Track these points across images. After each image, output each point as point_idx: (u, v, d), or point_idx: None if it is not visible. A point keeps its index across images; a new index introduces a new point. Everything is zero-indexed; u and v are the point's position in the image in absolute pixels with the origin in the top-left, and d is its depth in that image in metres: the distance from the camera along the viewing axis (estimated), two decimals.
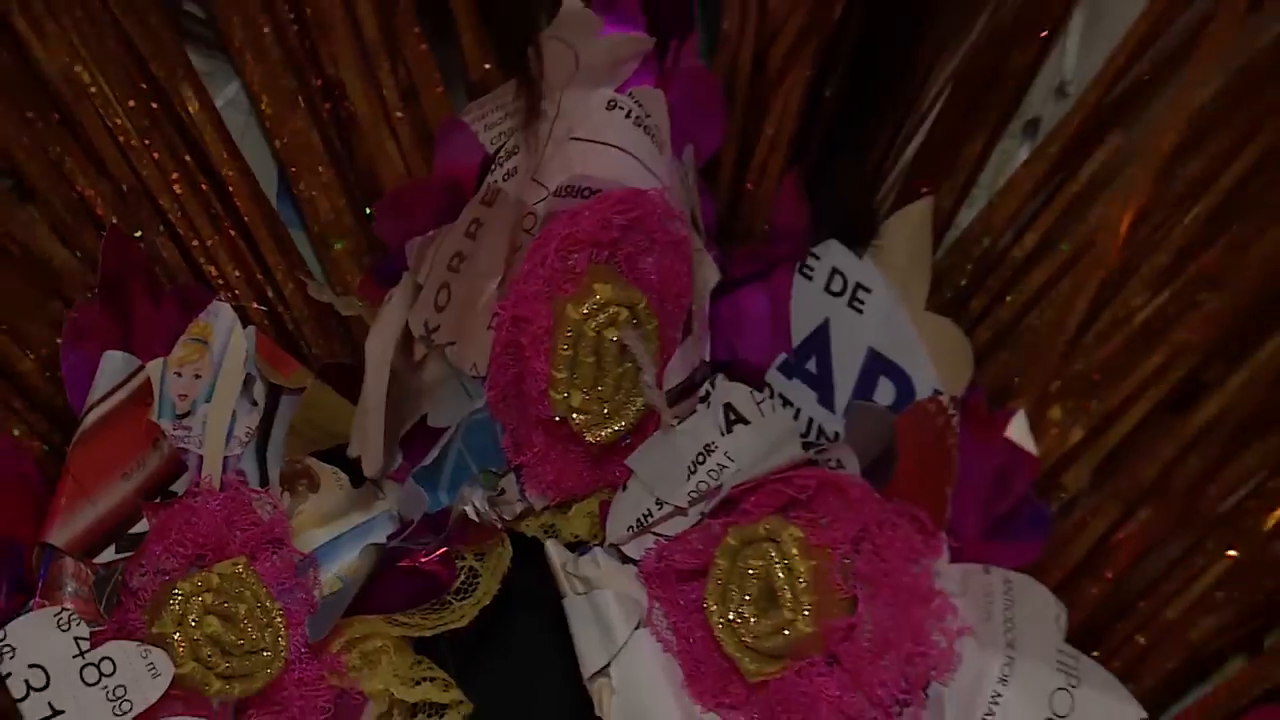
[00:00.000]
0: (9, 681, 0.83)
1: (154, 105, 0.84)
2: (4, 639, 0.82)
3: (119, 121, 0.83)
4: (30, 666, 0.81)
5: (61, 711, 0.81)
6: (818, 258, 0.82)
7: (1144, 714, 0.78)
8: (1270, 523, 0.82)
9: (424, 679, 0.86)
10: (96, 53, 0.87)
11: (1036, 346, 0.83)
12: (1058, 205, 0.83)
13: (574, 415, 0.83)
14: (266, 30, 0.89)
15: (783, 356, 0.84)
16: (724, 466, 0.83)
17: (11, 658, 0.81)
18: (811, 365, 0.84)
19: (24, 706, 0.81)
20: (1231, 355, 0.82)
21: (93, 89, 0.87)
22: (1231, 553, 0.86)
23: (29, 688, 0.81)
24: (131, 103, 0.86)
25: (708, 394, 0.85)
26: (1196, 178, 0.82)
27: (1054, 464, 0.82)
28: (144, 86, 0.86)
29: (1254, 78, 0.84)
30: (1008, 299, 0.85)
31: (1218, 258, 0.83)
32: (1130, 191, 0.82)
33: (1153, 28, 0.83)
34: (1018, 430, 0.80)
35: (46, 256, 0.87)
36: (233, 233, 0.88)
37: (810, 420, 0.83)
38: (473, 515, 0.85)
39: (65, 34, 0.88)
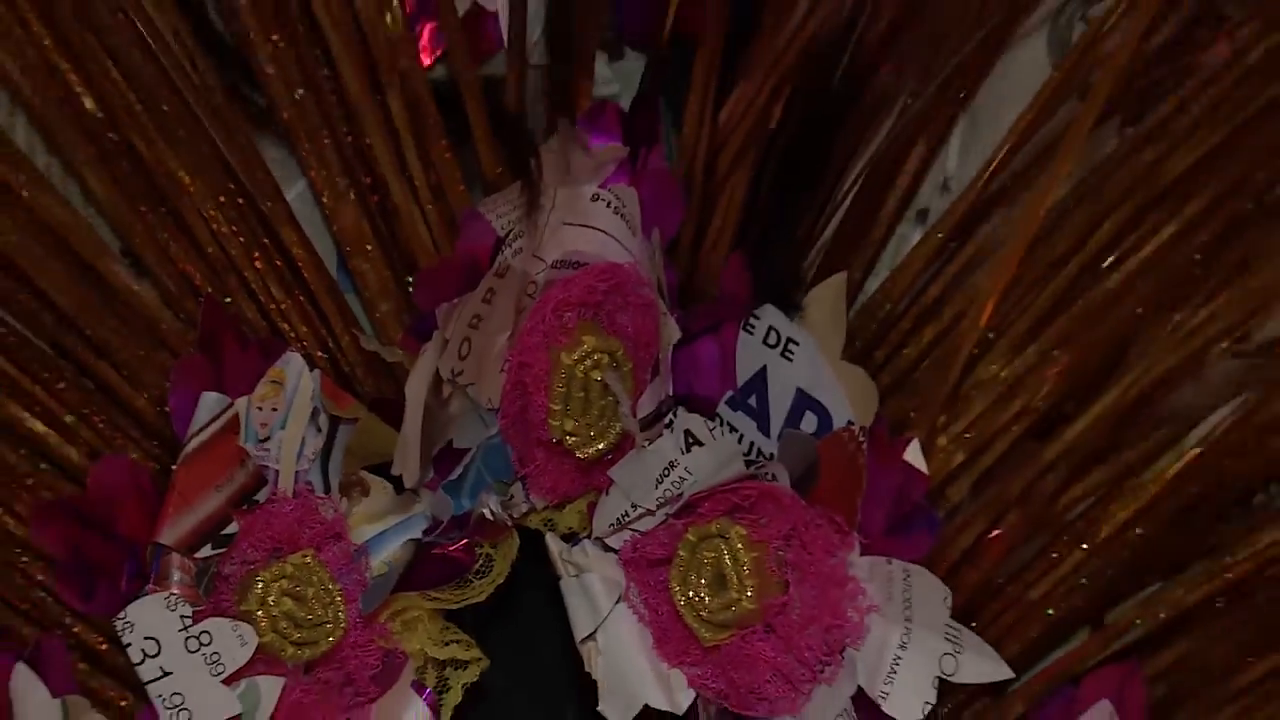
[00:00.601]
0: (130, 650, 0.85)
1: (240, 200, 0.87)
2: (125, 617, 0.85)
3: (213, 213, 0.86)
4: (146, 638, 0.84)
5: (170, 673, 0.84)
6: (758, 317, 0.87)
7: (1011, 673, 0.85)
8: (1108, 528, 0.87)
9: (451, 641, 0.88)
10: (195, 161, 0.89)
11: (927, 390, 0.88)
12: (942, 279, 0.90)
13: (567, 437, 0.85)
14: (326, 141, 0.90)
15: (730, 394, 0.88)
16: (684, 479, 0.86)
17: (131, 631, 0.84)
18: (752, 401, 0.88)
19: (141, 669, 0.85)
20: (1079, 398, 0.87)
21: (192, 188, 0.89)
22: (1083, 546, 0.88)
23: (145, 655, 0.84)
24: (222, 198, 0.89)
25: (671, 422, 0.87)
26: (1051, 260, 0.87)
27: (941, 480, 0.88)
28: (232, 186, 0.89)
29: (1098, 179, 0.89)
30: (904, 351, 0.90)
31: (1067, 324, 0.87)
32: (999, 270, 0.85)
33: (1019, 139, 0.87)
34: (912, 454, 0.87)
35: (157, 319, 0.88)
36: (301, 298, 0.89)
37: (751, 444, 0.87)
38: (489, 515, 0.87)
39: (171, 148, 0.90)
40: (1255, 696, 0.88)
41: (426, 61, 0.91)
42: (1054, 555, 0.88)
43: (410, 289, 0.90)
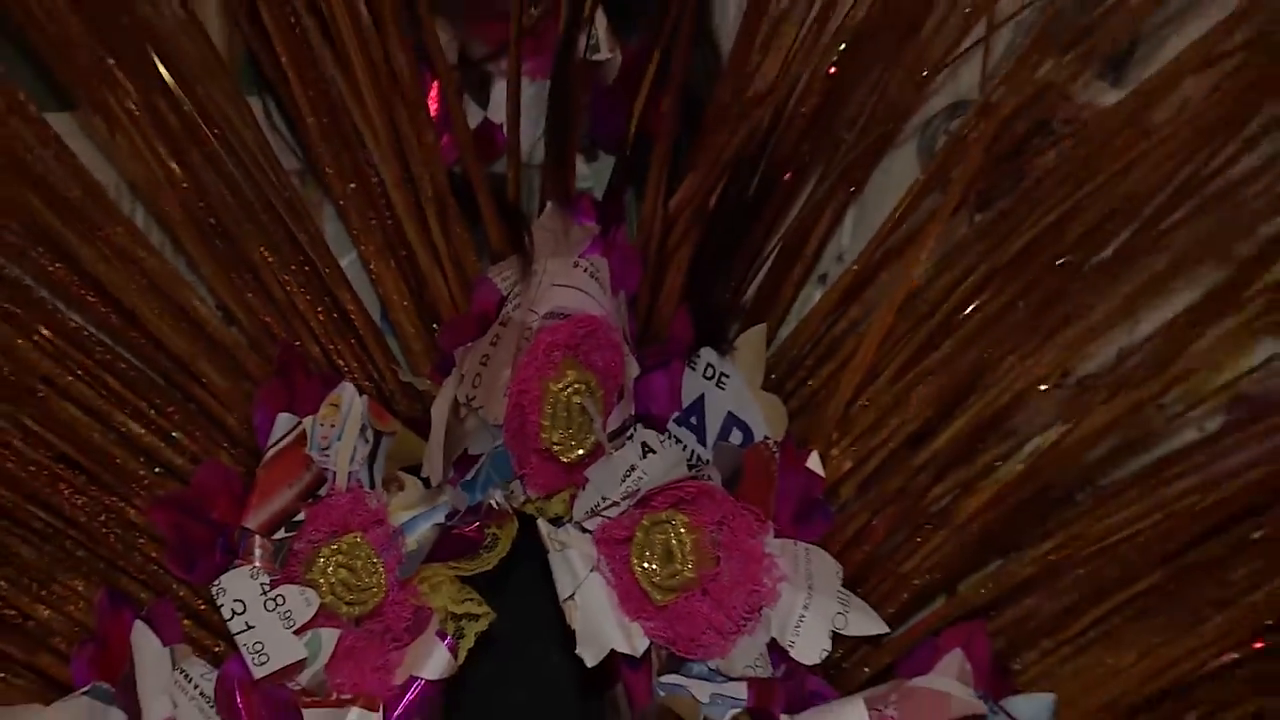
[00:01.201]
0: (222, 609, 0.90)
1: (306, 268, 0.93)
2: (219, 584, 0.91)
3: (286, 278, 0.93)
4: (235, 600, 0.90)
5: (253, 627, 0.90)
6: (698, 357, 0.94)
7: (886, 629, 0.92)
8: (962, 517, 0.93)
9: (466, 599, 0.93)
10: (272, 239, 0.96)
11: (824, 413, 0.94)
12: (836, 330, 0.97)
13: (554, 445, 0.91)
14: (372, 222, 0.96)
15: (676, 414, 0.95)
16: (641, 478, 0.92)
17: (224, 595, 0.90)
18: (693, 420, 0.95)
19: (231, 624, 0.90)
20: (941, 419, 0.93)
21: (270, 260, 0.95)
22: (943, 532, 0.94)
23: (234, 613, 0.90)
24: (293, 266, 0.95)
25: (631, 435, 0.94)
26: (920, 314, 0.94)
27: (834, 482, 0.94)
28: (300, 257, 0.95)
29: (955, 253, 0.95)
30: (808, 384, 0.97)
31: (932, 363, 0.93)
32: (879, 322, 0.92)
33: (896, 222, 0.94)
34: (813, 462, 0.94)
35: (244, 358, 0.95)
36: (353, 341, 0.96)
37: (693, 452, 0.94)
38: (495, 504, 0.93)
39: (255, 229, 0.97)
40: (1072, 646, 0.93)
41: (448, 161, 0.97)
42: (919, 539, 0.95)
43: (436, 335, 0.97)
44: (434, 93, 0.99)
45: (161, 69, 0.96)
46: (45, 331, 0.94)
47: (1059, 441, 0.92)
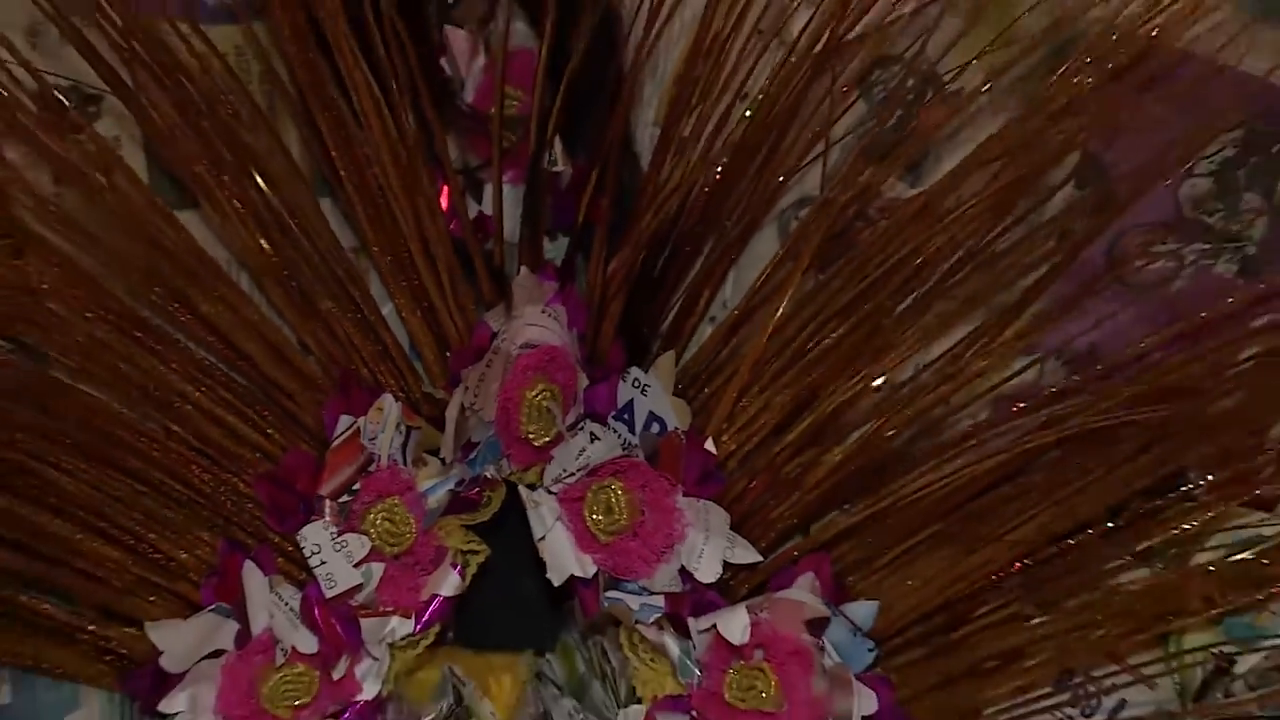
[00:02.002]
0: (304, 550, 0.99)
1: (359, 316, 1.03)
2: (302, 534, 0.99)
3: (345, 323, 1.02)
4: (313, 544, 0.98)
5: (325, 562, 0.98)
6: (629, 373, 1.02)
7: (760, 558, 1.01)
8: (813, 480, 1.01)
9: (470, 541, 1.01)
10: (335, 295, 1.04)
11: (716, 412, 1.02)
12: (722, 357, 1.05)
13: (529, 435, 0.99)
14: (403, 284, 1.04)
15: (613, 413, 1.02)
16: (590, 457, 1.01)
17: (305, 541, 0.98)
18: (626, 417, 1.02)
19: (310, 560, 0.99)
20: (797, 415, 1.02)
21: (334, 310, 1.03)
22: (799, 491, 1.01)
23: (313, 553, 0.98)
24: (349, 314, 1.03)
25: (582, 427, 1.02)
26: (781, 344, 1.02)
27: (723, 458, 1.03)
28: (353, 308, 1.05)
29: (806, 300, 1.01)
30: (704, 392, 1.05)
31: (789, 377, 1.01)
32: (752, 352, 1.00)
33: (764, 281, 1.03)
34: (708, 445, 1.02)
35: (317, 377, 1.03)
36: (391, 365, 1.04)
37: (625, 439, 1.01)
38: (489, 475, 1.01)
39: (321, 288, 1.06)
40: (888, 569, 1.01)
41: (454, 239, 1.05)
42: (782, 497, 1.03)
43: (448, 360, 1.06)
44: (444, 193, 1.07)
45: (257, 178, 1.04)
46: (178, 362, 1.03)
47: (877, 430, 1.01)
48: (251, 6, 1.05)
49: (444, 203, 1.05)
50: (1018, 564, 1.01)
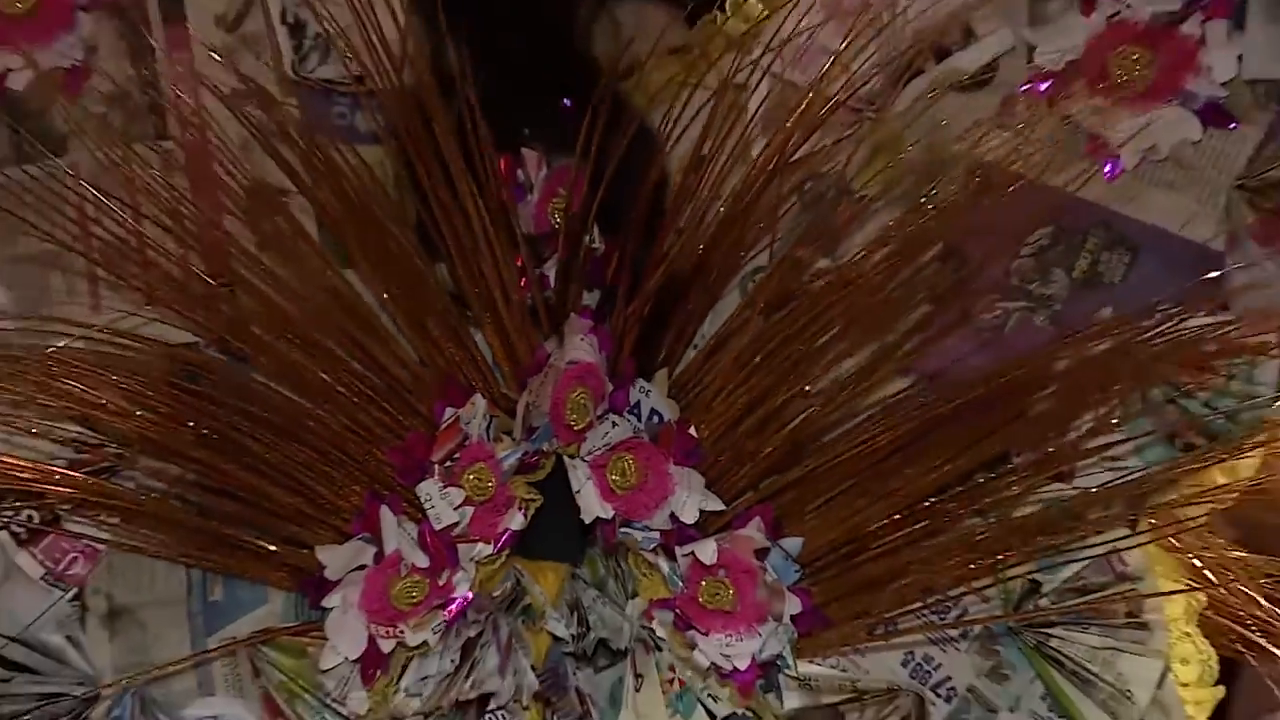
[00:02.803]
0: (422, 498, 1.06)
1: (461, 347, 1.09)
2: (421, 488, 1.06)
3: (453, 350, 1.09)
4: (427, 495, 1.04)
5: (435, 507, 1.06)
6: (638, 382, 1.09)
7: (724, 507, 1.08)
8: (760, 456, 1.08)
9: (530, 492, 1.06)
10: (450, 334, 1.09)
11: (697, 409, 1.09)
12: (700, 375, 1.10)
13: (571, 422, 1.04)
14: (490, 324, 1.09)
15: (628, 409, 1.08)
16: (611, 438, 1.06)
17: (423, 492, 1.04)
18: (635, 411, 1.08)
19: (425, 504, 1.06)
20: (751, 411, 1.08)
21: (448, 344, 1.10)
22: (748, 464, 1.09)
23: (427, 499, 1.06)
24: (455, 345, 1.09)
25: (607, 417, 1.07)
26: (740, 366, 1.09)
27: (701, 440, 1.09)
28: (458, 342, 1.10)
29: (756, 339, 1.08)
30: (690, 394, 1.10)
31: (748, 389, 1.09)
32: (723, 371, 1.09)
33: (729, 322, 1.10)
34: (691, 431, 1.08)
35: (432, 385, 1.08)
36: (481, 377, 1.09)
37: (636, 427, 1.06)
38: (544, 449, 1.06)
39: (443, 339, 1.10)
40: (814, 515, 1.08)
41: (524, 295, 1.08)
42: (740, 467, 1.10)
43: (518, 372, 1.09)
44: (519, 260, 1.10)
45: (391, 246, 1.09)
46: (340, 370, 1.09)
47: (807, 419, 1.09)
48: (391, 134, 1.06)
49: (519, 266, 1.08)
50: (899, 514, 1.08)
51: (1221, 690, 1.08)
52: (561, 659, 1.06)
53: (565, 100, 1.03)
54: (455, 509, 1.05)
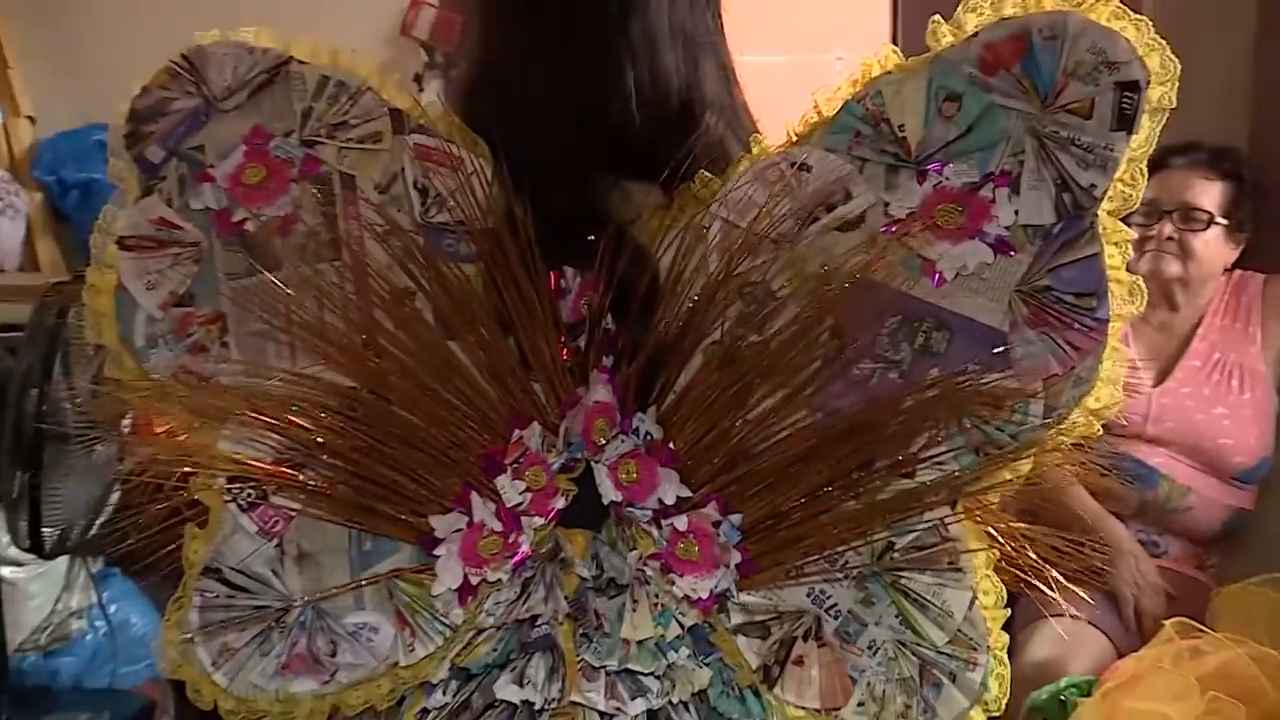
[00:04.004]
0: (498, 488, 1.10)
1: (520, 391, 1.10)
2: (499, 481, 1.09)
3: (520, 400, 1.10)
4: (502, 485, 1.09)
5: (506, 492, 1.10)
6: (638, 415, 1.10)
7: (692, 494, 1.09)
8: (715, 461, 1.10)
9: (568, 484, 1.12)
10: (515, 384, 1.12)
11: (674, 432, 1.12)
12: (678, 410, 1.11)
13: (597, 440, 1.09)
14: (544, 376, 1.10)
15: (630, 431, 1.11)
16: (620, 450, 1.11)
17: (499, 484, 1.10)
18: (635, 433, 1.11)
19: (501, 491, 1.11)
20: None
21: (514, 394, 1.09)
22: (706, 466, 1.10)
23: (502, 489, 1.10)
24: (516, 385, 1.10)
25: (618, 436, 1.11)
26: (698, 411, 1.12)
27: (678, 451, 1.11)
28: (516, 388, 1.11)
29: (718, 392, 1.11)
30: (672, 420, 1.12)
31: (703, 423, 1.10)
32: (688, 412, 1.13)
33: (697, 377, 1.10)
34: (670, 446, 1.11)
35: (505, 414, 1.11)
36: (538, 415, 1.11)
37: (636, 443, 1.10)
38: (578, 457, 1.12)
39: (513, 386, 1.12)
40: (751, 499, 1.11)
41: (566, 355, 1.10)
42: (702, 467, 1.11)
43: (561, 407, 1.11)
44: (560, 339, 1.10)
45: (482, 331, 1.10)
46: (444, 404, 1.11)
47: (744, 437, 1.11)
48: (481, 257, 1.09)
49: (561, 341, 1.11)
50: (804, 499, 1.11)
51: (1008, 611, 1.11)
52: (585, 592, 1.09)
53: (590, 237, 1.06)
54: (519, 494, 1.10)
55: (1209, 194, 2.06)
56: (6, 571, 1.61)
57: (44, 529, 1.48)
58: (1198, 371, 2.08)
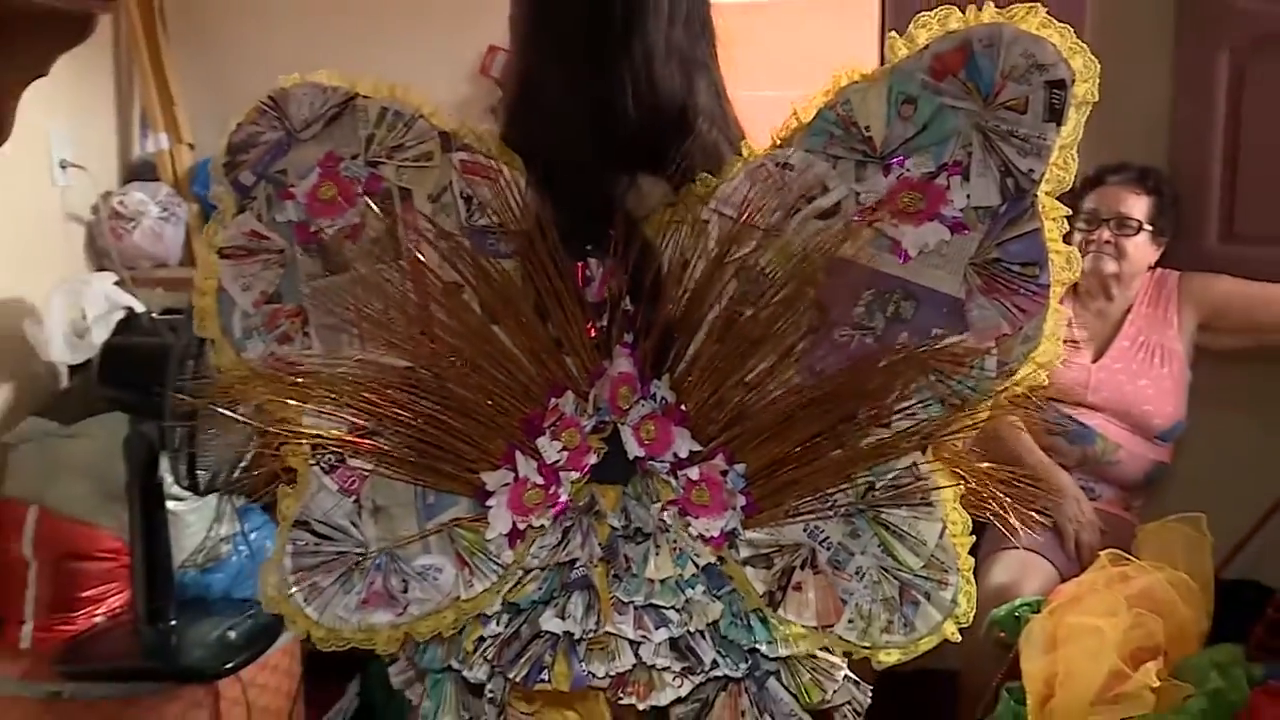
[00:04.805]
0: (539, 448, 1.09)
1: (556, 369, 1.09)
2: (539, 443, 1.09)
3: (556, 372, 1.09)
4: (543, 446, 1.09)
5: (545, 452, 1.09)
6: (655, 381, 1.09)
7: (702, 449, 1.09)
8: (720, 418, 1.07)
9: (600, 443, 1.09)
10: (553, 360, 1.10)
11: (684, 395, 1.09)
12: (689, 375, 1.08)
13: (621, 405, 1.07)
14: (577, 351, 1.08)
15: (649, 396, 1.09)
16: (641, 413, 1.10)
17: (540, 444, 1.09)
18: (653, 397, 1.09)
19: (543, 451, 1.10)
20: (715, 393, 1.07)
21: (551, 368, 1.07)
22: (712, 424, 1.07)
23: (542, 449, 1.09)
24: (549, 361, 1.09)
25: (639, 402, 1.10)
26: (706, 373, 1.08)
27: (689, 411, 1.08)
28: (558, 363, 1.09)
29: (723, 356, 1.08)
30: (684, 385, 1.10)
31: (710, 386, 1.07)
32: (697, 378, 1.09)
33: (703, 345, 1.07)
34: (683, 408, 1.10)
35: (543, 384, 1.08)
36: (570, 387, 1.09)
37: (653, 407, 1.08)
38: (606, 420, 1.10)
39: (549, 361, 1.10)
40: (752, 450, 1.08)
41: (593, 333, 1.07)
42: (711, 424, 1.10)
43: (590, 377, 1.10)
44: (588, 319, 1.08)
45: (520, 318, 1.09)
46: (491, 379, 1.11)
47: (745, 397, 1.09)
48: (518, 253, 1.08)
49: (588, 322, 1.10)
50: (799, 448, 1.09)
51: (973, 538, 1.10)
52: (616, 539, 1.08)
53: (610, 232, 1.05)
54: (557, 453, 1.10)
55: (1139, 206, 2.13)
56: (172, 505, 1.78)
57: (199, 471, 1.62)
58: (1127, 350, 2.14)
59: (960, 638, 1.05)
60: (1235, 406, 2.28)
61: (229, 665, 1.73)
